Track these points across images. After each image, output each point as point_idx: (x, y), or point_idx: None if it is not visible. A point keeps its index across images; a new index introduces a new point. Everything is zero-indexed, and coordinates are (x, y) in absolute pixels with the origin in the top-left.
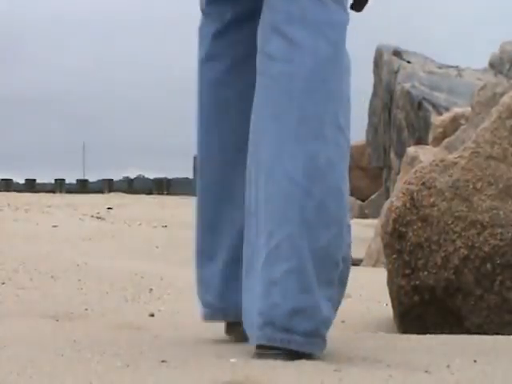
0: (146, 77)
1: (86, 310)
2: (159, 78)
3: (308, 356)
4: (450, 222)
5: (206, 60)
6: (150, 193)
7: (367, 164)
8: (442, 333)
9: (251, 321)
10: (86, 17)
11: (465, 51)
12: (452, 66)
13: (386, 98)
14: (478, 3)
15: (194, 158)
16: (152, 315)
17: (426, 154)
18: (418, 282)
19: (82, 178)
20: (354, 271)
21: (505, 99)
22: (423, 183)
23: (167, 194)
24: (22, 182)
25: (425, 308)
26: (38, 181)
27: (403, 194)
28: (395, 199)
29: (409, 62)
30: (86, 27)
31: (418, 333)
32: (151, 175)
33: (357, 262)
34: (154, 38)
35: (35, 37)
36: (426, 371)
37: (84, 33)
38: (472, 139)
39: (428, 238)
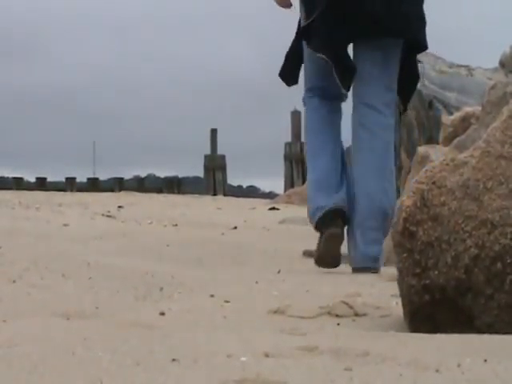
0: (157, 75)
1: (97, 308)
2: (171, 76)
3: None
4: (460, 222)
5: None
6: (160, 192)
7: None
8: (452, 332)
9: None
10: (100, 13)
11: (475, 50)
12: (463, 66)
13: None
14: (489, 2)
15: (205, 156)
16: (163, 314)
17: (436, 154)
18: (428, 281)
19: (92, 176)
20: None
21: None
22: (434, 182)
23: (178, 192)
24: (32, 180)
25: (435, 307)
26: (48, 179)
27: (414, 193)
28: (406, 198)
29: (419, 62)
30: (99, 24)
31: (429, 332)
32: (162, 174)
33: None
34: (168, 36)
35: (47, 35)
36: (437, 370)
37: (97, 30)
38: (483, 138)
39: (438, 237)
